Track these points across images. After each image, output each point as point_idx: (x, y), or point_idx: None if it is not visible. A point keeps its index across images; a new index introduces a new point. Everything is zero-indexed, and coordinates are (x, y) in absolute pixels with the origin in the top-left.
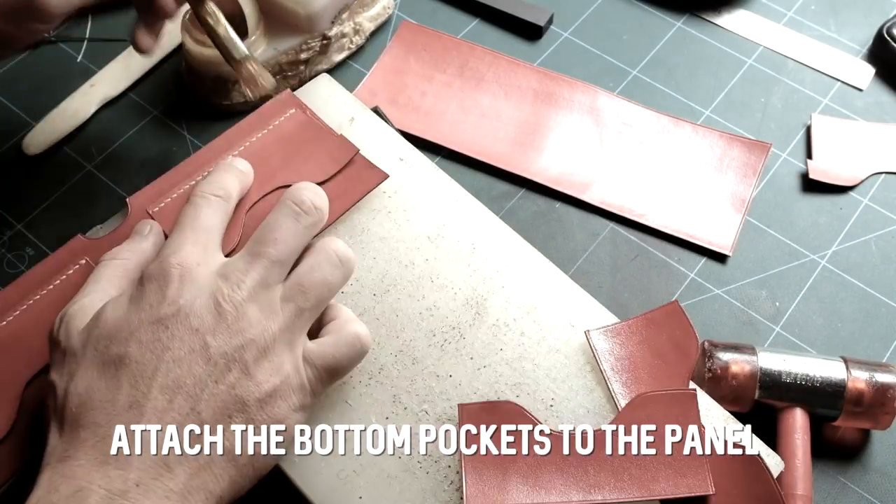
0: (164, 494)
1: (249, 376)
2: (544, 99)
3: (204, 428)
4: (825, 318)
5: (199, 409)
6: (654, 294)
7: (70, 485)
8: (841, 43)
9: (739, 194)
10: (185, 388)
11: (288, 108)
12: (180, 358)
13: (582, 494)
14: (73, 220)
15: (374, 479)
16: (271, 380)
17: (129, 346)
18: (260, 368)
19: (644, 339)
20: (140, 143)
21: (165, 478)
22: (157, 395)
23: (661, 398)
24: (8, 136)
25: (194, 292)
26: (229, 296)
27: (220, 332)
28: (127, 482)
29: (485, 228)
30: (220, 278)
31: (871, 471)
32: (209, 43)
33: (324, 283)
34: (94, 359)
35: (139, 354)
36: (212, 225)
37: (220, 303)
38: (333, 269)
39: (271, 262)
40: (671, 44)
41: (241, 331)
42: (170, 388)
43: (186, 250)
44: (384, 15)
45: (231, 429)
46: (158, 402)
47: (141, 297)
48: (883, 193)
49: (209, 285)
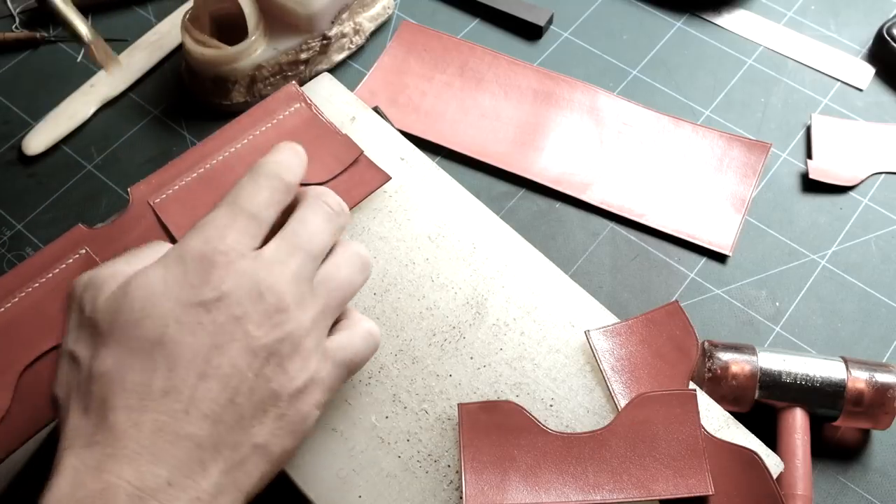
0: (195, 495)
1: (284, 370)
2: (544, 99)
3: (243, 423)
4: (825, 318)
5: (239, 402)
6: (654, 294)
7: (98, 479)
8: (841, 43)
9: (739, 194)
10: (226, 378)
11: (293, 102)
12: (222, 345)
13: (581, 495)
14: (73, 220)
15: (373, 479)
16: (302, 374)
17: (168, 326)
18: (293, 363)
19: (644, 339)
20: (140, 143)
21: (199, 476)
22: (197, 382)
23: (661, 398)
24: (8, 136)
25: (237, 280)
26: (272, 286)
27: (261, 323)
28: (159, 479)
29: (485, 228)
30: (264, 269)
31: (871, 471)
32: (209, 43)
33: (349, 282)
34: (126, 334)
35: (179, 336)
36: (266, 217)
37: (264, 293)
38: (357, 271)
39: (308, 257)
40: (671, 44)
41: (280, 323)
42: (210, 377)
43: (234, 238)
44: (384, 15)
45: (266, 423)
46: (198, 390)
47: (184, 274)
48: (883, 193)
49: (252, 274)
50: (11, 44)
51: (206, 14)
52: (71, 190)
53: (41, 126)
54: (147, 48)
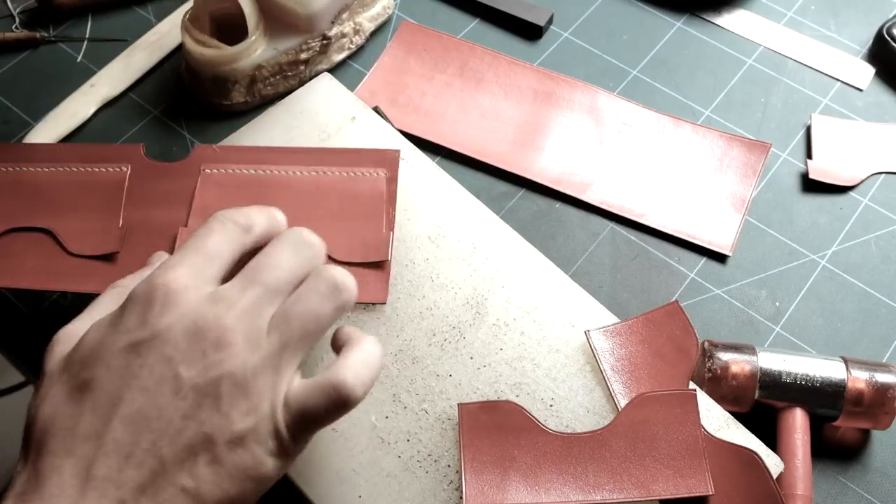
0: None
1: (222, 414)
2: (544, 99)
3: (166, 465)
4: (825, 318)
5: (161, 445)
6: (654, 294)
7: None
8: (841, 43)
9: (739, 194)
10: (149, 422)
11: (381, 167)
12: (147, 388)
13: (581, 495)
14: None
15: (373, 479)
16: (246, 420)
17: (97, 370)
18: (234, 405)
19: (644, 339)
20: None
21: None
22: (118, 426)
23: (661, 398)
24: (8, 136)
25: (175, 317)
26: (213, 321)
27: (194, 363)
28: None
29: (485, 228)
30: (208, 303)
31: (871, 471)
32: (209, 43)
33: (311, 313)
34: (65, 383)
35: (107, 381)
36: (217, 251)
37: (202, 331)
38: (323, 300)
39: (265, 290)
40: (671, 44)
41: (219, 362)
42: (132, 420)
43: (178, 272)
44: (384, 15)
45: (196, 467)
46: (118, 433)
47: (120, 318)
48: (883, 193)
49: (194, 310)
50: (11, 44)
51: (206, 14)
52: None
53: (41, 126)
54: (147, 48)
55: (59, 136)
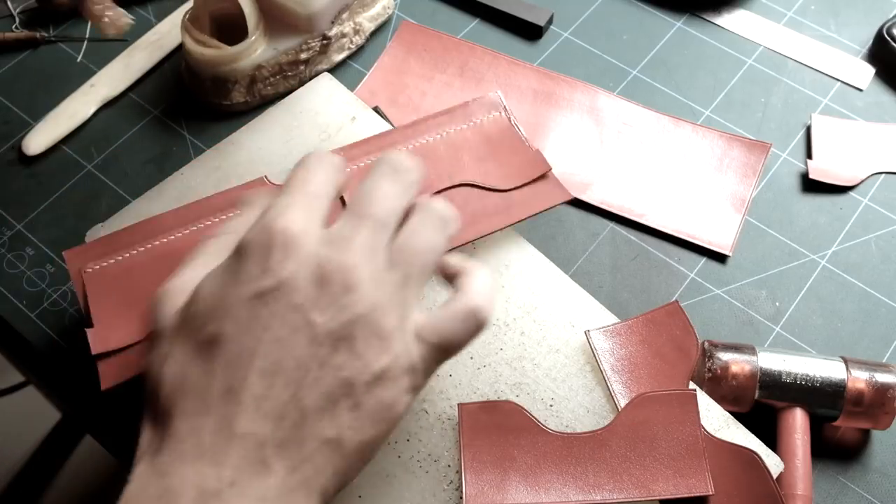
0: (260, 495)
1: (357, 356)
2: (544, 99)
3: (308, 417)
4: (825, 318)
5: (302, 396)
6: (654, 294)
7: (160, 485)
8: (841, 43)
9: (739, 194)
10: (287, 373)
11: (493, 109)
12: (281, 338)
13: (581, 495)
14: (73, 220)
15: (373, 478)
16: (381, 359)
17: (225, 324)
18: (369, 347)
19: (644, 339)
20: (140, 143)
21: (263, 475)
22: (256, 380)
23: (661, 398)
24: (8, 136)
25: (299, 262)
26: (337, 265)
27: (326, 308)
28: (221, 481)
29: None
30: (326, 245)
31: (871, 471)
32: (209, 43)
33: (428, 246)
34: (189, 340)
35: (236, 334)
36: (323, 190)
37: (328, 274)
38: (435, 231)
39: (376, 224)
40: (671, 44)
41: (349, 305)
42: (269, 373)
43: (294, 215)
44: (384, 15)
45: (337, 415)
46: (256, 388)
47: (239, 267)
48: (883, 193)
49: (315, 254)
50: (11, 44)
51: (206, 14)
52: (71, 190)
53: (41, 126)
54: (147, 48)
55: (59, 136)
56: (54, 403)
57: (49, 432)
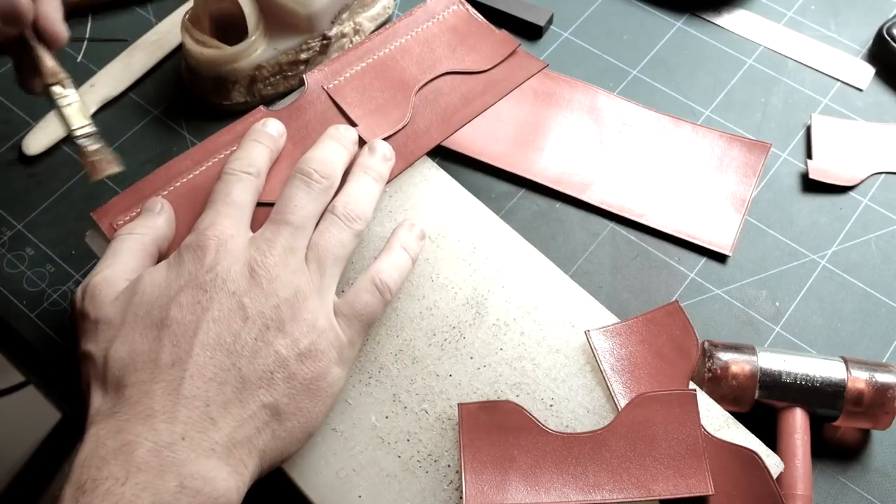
0: (209, 447)
1: (286, 334)
2: (544, 99)
3: (247, 383)
4: (825, 318)
5: (240, 365)
6: (654, 294)
7: (117, 439)
8: (841, 43)
9: (739, 194)
10: (226, 346)
11: (451, 4)
12: (219, 317)
13: (582, 495)
14: (73, 220)
15: (373, 479)
16: (308, 336)
17: (171, 309)
18: (296, 325)
19: (644, 340)
20: (140, 143)
21: (210, 430)
22: (199, 351)
23: (661, 398)
24: (8, 136)
25: (230, 260)
26: (262, 262)
27: (255, 294)
28: (173, 435)
29: (485, 228)
30: (252, 248)
31: (871, 471)
32: (209, 43)
33: (337, 242)
34: (135, 324)
35: (180, 316)
36: (243, 201)
37: (255, 269)
38: (341, 230)
39: (293, 229)
40: (671, 44)
41: (274, 292)
42: (210, 346)
43: (221, 224)
44: (384, 15)
45: (274, 384)
46: (200, 358)
47: (180, 265)
48: (883, 193)
49: (243, 254)
50: None
51: (206, 14)
52: (71, 190)
53: (41, 126)
54: (147, 48)
55: (59, 136)
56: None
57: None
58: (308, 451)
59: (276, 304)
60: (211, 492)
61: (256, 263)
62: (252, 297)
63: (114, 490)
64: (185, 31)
